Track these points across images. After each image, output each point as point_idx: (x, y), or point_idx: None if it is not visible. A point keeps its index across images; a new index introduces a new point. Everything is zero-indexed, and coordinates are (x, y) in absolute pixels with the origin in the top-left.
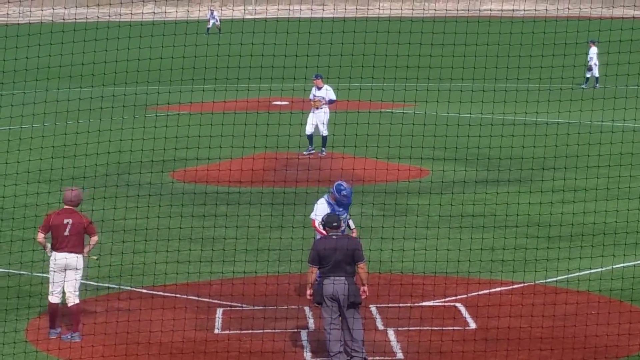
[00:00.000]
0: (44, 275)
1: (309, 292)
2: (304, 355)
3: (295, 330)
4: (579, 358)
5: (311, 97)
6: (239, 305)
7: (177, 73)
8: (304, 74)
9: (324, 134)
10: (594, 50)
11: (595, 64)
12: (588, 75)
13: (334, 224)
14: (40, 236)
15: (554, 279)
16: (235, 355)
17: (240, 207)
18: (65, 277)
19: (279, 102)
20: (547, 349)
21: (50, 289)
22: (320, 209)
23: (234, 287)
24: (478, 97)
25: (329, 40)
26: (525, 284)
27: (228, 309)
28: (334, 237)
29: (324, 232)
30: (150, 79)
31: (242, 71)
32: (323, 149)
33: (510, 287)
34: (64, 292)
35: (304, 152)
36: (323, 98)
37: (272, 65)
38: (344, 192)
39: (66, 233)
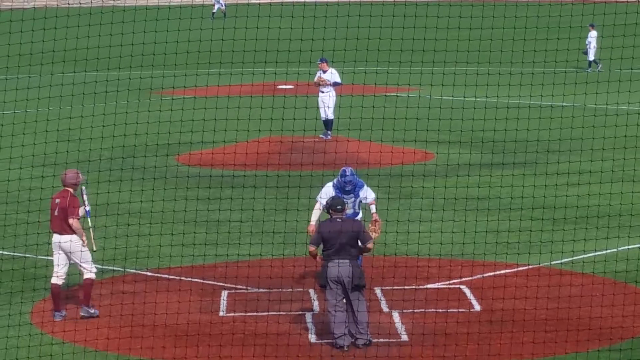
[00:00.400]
0: (49, 258)
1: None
2: (309, 337)
3: (300, 312)
4: (583, 340)
5: (316, 79)
6: (244, 287)
7: (182, 57)
8: (309, 57)
9: (330, 117)
10: (593, 34)
11: (594, 47)
12: (590, 59)
13: (338, 207)
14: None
15: (559, 262)
16: (239, 338)
17: (245, 191)
18: (69, 259)
19: (284, 86)
20: (552, 330)
21: (54, 269)
22: (325, 192)
23: (239, 269)
24: (483, 81)
25: (334, 24)
26: (530, 267)
27: (233, 291)
28: (338, 220)
29: (315, 216)
30: (155, 63)
31: (247, 55)
32: (329, 132)
33: (515, 270)
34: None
35: (321, 136)
36: (328, 80)
37: (277, 49)
38: (345, 179)
39: (55, 213)
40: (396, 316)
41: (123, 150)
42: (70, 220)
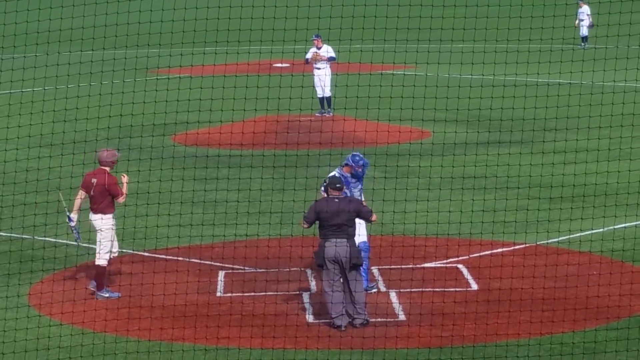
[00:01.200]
0: (47, 239)
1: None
2: (306, 317)
3: (297, 292)
4: (580, 318)
5: (309, 54)
6: (241, 268)
7: (177, 36)
8: (304, 36)
9: (327, 95)
10: (583, 9)
11: (585, 24)
12: (581, 35)
13: (337, 186)
14: (78, 195)
15: (556, 240)
16: (237, 318)
17: (241, 170)
18: (97, 237)
19: (279, 65)
20: (549, 309)
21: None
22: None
23: (236, 250)
24: (479, 59)
25: (329, 2)
26: (527, 245)
27: (230, 271)
28: (335, 199)
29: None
30: (150, 42)
31: (243, 33)
32: (329, 109)
33: (512, 248)
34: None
35: (317, 114)
36: (323, 55)
37: (272, 28)
38: (362, 162)
39: (92, 192)
40: (393, 296)
41: (119, 131)
42: (120, 200)
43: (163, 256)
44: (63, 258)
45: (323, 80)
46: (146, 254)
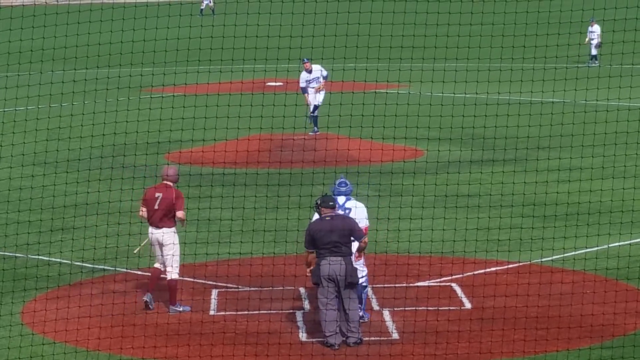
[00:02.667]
0: (40, 257)
1: (308, 270)
2: (300, 335)
3: (291, 311)
4: (574, 337)
5: (302, 83)
6: (235, 286)
7: (171, 55)
8: (298, 54)
9: (315, 115)
10: (595, 29)
11: (595, 43)
12: (593, 53)
13: (330, 204)
14: (141, 211)
15: (550, 259)
16: (230, 337)
17: (235, 189)
18: (163, 251)
19: (273, 83)
20: (543, 328)
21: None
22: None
23: (230, 268)
24: (472, 77)
25: (323, 21)
26: (521, 264)
27: (223, 290)
28: (327, 217)
29: None
30: (144, 60)
31: (237, 52)
32: (315, 128)
33: (506, 267)
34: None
35: (310, 133)
36: (325, 78)
37: (266, 46)
38: (337, 181)
39: (155, 207)
40: (387, 314)
41: (113, 149)
42: (179, 214)
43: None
44: (56, 276)
45: (318, 99)
46: (140, 272)
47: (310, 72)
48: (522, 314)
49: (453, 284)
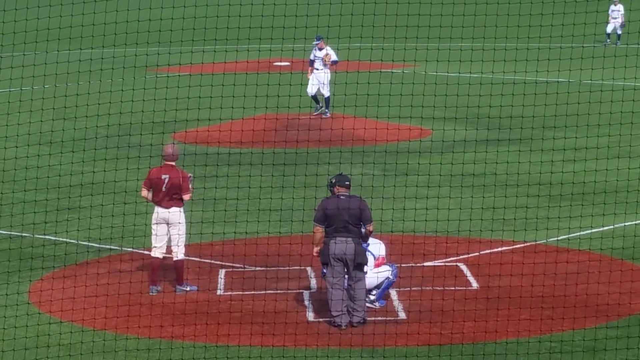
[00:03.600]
0: (46, 237)
1: (315, 249)
2: (307, 315)
3: (298, 290)
4: (580, 317)
5: (312, 57)
6: (241, 266)
7: (177, 34)
8: (304, 34)
9: (327, 95)
10: (619, 8)
11: (619, 22)
12: (609, 31)
13: (346, 183)
14: (144, 192)
15: (555, 239)
16: (237, 316)
17: (241, 168)
18: (169, 231)
19: (279, 63)
20: (549, 307)
21: (152, 243)
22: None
23: (236, 248)
24: (478, 57)
25: (329, 0)
26: (527, 244)
27: (230, 270)
28: (342, 197)
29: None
30: (150, 40)
31: (242, 32)
32: (327, 110)
33: (512, 247)
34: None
35: (314, 113)
36: (333, 62)
37: (272, 26)
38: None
39: (163, 188)
40: (394, 294)
41: (119, 129)
42: (186, 197)
43: (166, 254)
44: (63, 256)
45: (321, 81)
46: (146, 252)
47: (320, 50)
48: (528, 294)
49: (459, 264)
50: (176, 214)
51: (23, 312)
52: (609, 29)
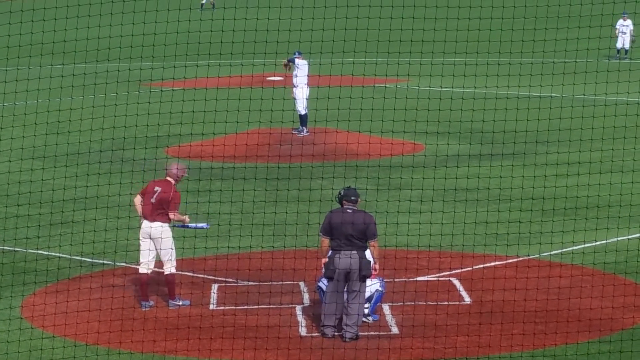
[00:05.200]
0: (39, 252)
1: (323, 260)
2: (299, 330)
3: (290, 305)
4: (573, 331)
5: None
6: (234, 280)
7: (170, 49)
8: (297, 48)
9: (302, 113)
10: (628, 23)
11: (629, 38)
12: (619, 47)
13: (352, 198)
14: (137, 199)
15: (548, 253)
16: (230, 331)
17: (234, 183)
18: (156, 246)
19: (272, 78)
20: (542, 322)
21: (139, 259)
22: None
23: (229, 262)
24: (471, 71)
25: (321, 15)
26: (520, 258)
27: (223, 284)
28: (349, 210)
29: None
30: (144, 54)
31: (236, 47)
32: (303, 128)
33: (505, 262)
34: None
35: (293, 132)
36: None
37: (266, 41)
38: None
39: (152, 200)
40: (386, 309)
41: (112, 143)
42: (171, 215)
43: (156, 269)
44: (55, 271)
45: (298, 100)
46: (138, 267)
47: (293, 63)
48: (521, 309)
49: (452, 279)
50: (158, 229)
51: (16, 327)
52: (619, 44)
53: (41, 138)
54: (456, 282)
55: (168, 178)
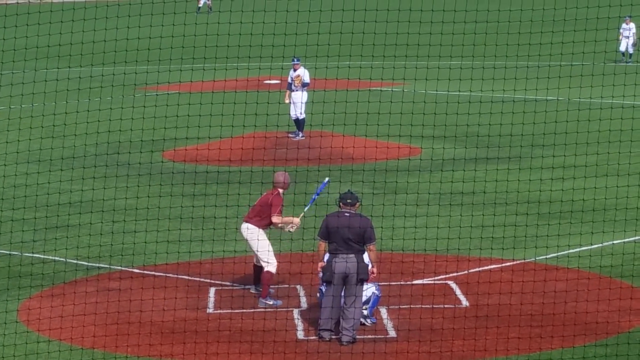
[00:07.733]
0: (35, 255)
1: (320, 264)
2: (296, 334)
3: (287, 309)
4: (569, 335)
5: (289, 79)
6: (231, 284)
7: (166, 52)
8: (293, 52)
9: (302, 117)
10: (631, 27)
11: (631, 41)
12: (622, 50)
13: (348, 201)
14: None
15: (545, 257)
16: (226, 335)
17: (230, 186)
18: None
19: (268, 81)
20: (538, 326)
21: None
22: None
23: (225, 266)
24: (467, 75)
25: (317, 19)
26: (516, 262)
27: (220, 288)
28: (346, 214)
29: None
30: (139, 58)
31: (232, 50)
32: (299, 132)
33: (501, 265)
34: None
35: (290, 135)
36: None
37: (261, 44)
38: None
39: (255, 203)
40: (383, 312)
41: (108, 147)
42: (273, 218)
43: (152, 273)
44: (52, 274)
45: (297, 104)
46: (135, 270)
47: (295, 71)
48: (518, 312)
49: (449, 282)
50: (245, 230)
51: (12, 331)
52: (622, 47)
53: (37, 142)
54: (453, 285)
55: (277, 189)
